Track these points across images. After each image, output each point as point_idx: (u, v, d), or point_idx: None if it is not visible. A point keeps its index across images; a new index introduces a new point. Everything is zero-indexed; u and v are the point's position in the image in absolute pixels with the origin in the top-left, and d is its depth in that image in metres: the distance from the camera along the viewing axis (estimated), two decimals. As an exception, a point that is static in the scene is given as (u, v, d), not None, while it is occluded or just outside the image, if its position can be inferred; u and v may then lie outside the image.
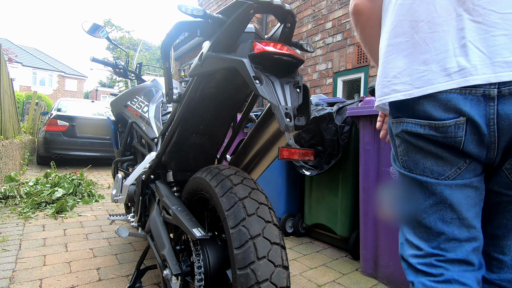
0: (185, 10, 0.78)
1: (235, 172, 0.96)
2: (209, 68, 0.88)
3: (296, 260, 2.05)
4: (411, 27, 0.66)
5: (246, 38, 0.85)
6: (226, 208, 0.85)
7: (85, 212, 2.98)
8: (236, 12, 0.78)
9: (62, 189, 3.37)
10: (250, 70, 0.73)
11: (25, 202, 3.04)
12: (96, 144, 5.79)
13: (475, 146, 0.62)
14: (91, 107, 6.41)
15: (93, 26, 2.03)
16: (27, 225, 2.48)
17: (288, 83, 0.79)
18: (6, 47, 9.03)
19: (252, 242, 0.78)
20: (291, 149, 0.81)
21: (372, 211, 1.82)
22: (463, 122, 0.61)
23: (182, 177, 1.34)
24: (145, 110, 1.85)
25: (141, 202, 1.47)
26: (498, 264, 0.70)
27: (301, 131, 2.18)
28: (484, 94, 0.58)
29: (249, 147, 1.25)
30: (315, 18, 4.40)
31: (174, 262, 1.03)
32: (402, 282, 1.67)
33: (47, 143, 5.43)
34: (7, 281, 1.57)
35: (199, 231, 0.92)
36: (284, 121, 0.71)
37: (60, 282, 1.59)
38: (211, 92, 1.04)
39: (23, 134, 6.68)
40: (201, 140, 1.24)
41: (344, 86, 4.14)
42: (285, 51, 0.78)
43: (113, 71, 2.22)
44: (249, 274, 0.75)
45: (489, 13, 0.58)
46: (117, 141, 2.19)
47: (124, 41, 23.30)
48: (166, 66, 1.03)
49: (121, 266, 1.82)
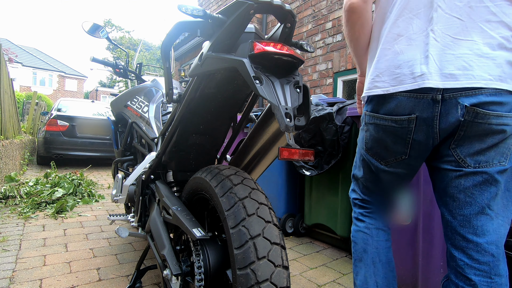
0: (185, 10, 0.78)
1: (235, 172, 0.96)
2: (209, 68, 0.88)
3: (296, 260, 2.05)
4: (394, 39, 0.86)
5: (246, 38, 0.85)
6: (226, 208, 0.85)
7: (85, 212, 2.98)
8: (236, 12, 0.78)
9: (62, 189, 3.37)
10: (250, 70, 0.73)
11: (25, 202, 3.04)
12: (96, 144, 5.79)
13: (423, 134, 0.85)
14: (91, 107, 6.41)
15: (93, 26, 2.03)
16: (27, 225, 2.48)
17: (288, 83, 0.79)
18: (6, 47, 9.04)
19: (252, 242, 0.78)
20: (291, 149, 0.81)
21: (372, 211, 1.82)
22: (414, 118, 0.84)
23: (182, 177, 1.34)
24: (145, 110, 1.85)
25: (141, 202, 1.47)
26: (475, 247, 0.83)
27: (301, 131, 2.18)
28: (433, 98, 0.80)
29: (249, 147, 1.25)
30: (315, 18, 4.40)
31: (174, 262, 1.03)
32: (403, 282, 1.67)
33: (47, 143, 5.43)
34: (7, 281, 1.57)
35: (199, 231, 0.92)
36: (284, 121, 0.71)
37: (60, 282, 1.59)
38: (211, 92, 1.04)
39: (23, 134, 6.68)
40: (201, 140, 1.24)
41: (344, 86, 4.14)
42: (285, 51, 0.78)
43: (113, 71, 2.22)
44: (249, 274, 0.75)
45: (445, 36, 0.79)
46: (117, 141, 2.19)
47: (124, 41, 23.30)
48: (166, 66, 1.03)
49: (121, 266, 1.82)
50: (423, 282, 1.58)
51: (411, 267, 1.64)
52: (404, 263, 1.67)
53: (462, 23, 0.78)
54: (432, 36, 0.80)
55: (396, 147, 0.91)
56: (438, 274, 1.54)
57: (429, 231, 1.56)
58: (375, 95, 0.91)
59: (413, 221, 1.64)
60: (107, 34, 2.11)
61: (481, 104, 0.76)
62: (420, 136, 0.85)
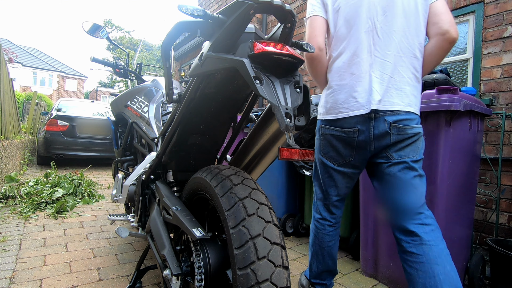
0: (185, 10, 0.78)
1: (235, 172, 0.96)
2: (209, 68, 0.88)
3: (296, 260, 2.05)
4: (349, 76, 1.21)
5: (246, 38, 0.85)
6: (226, 208, 0.85)
7: (85, 212, 2.98)
8: (236, 12, 0.78)
9: (62, 189, 3.37)
10: (250, 70, 0.73)
11: (25, 202, 3.04)
12: (96, 144, 5.79)
13: (364, 142, 1.21)
14: (91, 107, 6.42)
15: (93, 26, 2.03)
16: (27, 225, 2.48)
17: (288, 83, 0.79)
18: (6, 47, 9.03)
19: (252, 242, 0.78)
20: (291, 149, 0.81)
21: (372, 211, 1.82)
22: (357, 130, 1.20)
23: (182, 177, 1.34)
24: (145, 110, 1.85)
25: (141, 202, 1.47)
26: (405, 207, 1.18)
27: (301, 131, 2.18)
28: (369, 117, 1.17)
29: (249, 147, 1.25)
30: (315, 18, 4.40)
31: (174, 262, 1.03)
32: (403, 282, 1.67)
33: (47, 143, 5.43)
34: (7, 281, 1.57)
35: (199, 231, 0.92)
36: (284, 121, 0.71)
37: (60, 282, 1.59)
38: (211, 92, 1.04)
39: (23, 134, 6.68)
40: (201, 140, 1.24)
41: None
42: (285, 51, 0.77)
43: (113, 71, 2.22)
44: (249, 274, 0.75)
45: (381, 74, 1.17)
46: (117, 141, 2.19)
47: (124, 41, 23.28)
48: (166, 66, 1.03)
49: (121, 266, 1.82)
50: (423, 282, 1.57)
51: (411, 267, 1.64)
52: (404, 263, 1.67)
53: (392, 64, 1.17)
54: (373, 74, 1.17)
55: (345, 151, 1.26)
56: (438, 274, 1.54)
57: (429, 231, 1.56)
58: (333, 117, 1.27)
59: (413, 221, 1.64)
60: (107, 34, 2.11)
61: (398, 121, 1.16)
62: (361, 142, 1.21)
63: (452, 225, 1.61)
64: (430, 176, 1.54)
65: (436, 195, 1.53)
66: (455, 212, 1.63)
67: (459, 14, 2.44)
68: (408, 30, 1.16)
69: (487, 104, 2.19)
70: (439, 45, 1.17)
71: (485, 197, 2.16)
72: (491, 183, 2.14)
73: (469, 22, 2.40)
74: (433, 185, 1.53)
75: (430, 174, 1.55)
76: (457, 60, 2.50)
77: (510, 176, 2.08)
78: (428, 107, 1.50)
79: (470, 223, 1.85)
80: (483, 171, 2.17)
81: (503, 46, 2.17)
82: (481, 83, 2.28)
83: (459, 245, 1.70)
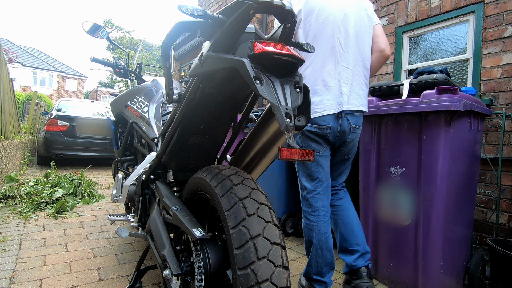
0: (185, 10, 0.77)
1: (235, 172, 0.96)
2: (209, 68, 0.88)
3: (296, 260, 2.05)
4: (322, 82, 1.41)
5: (246, 38, 0.85)
6: (226, 208, 0.84)
7: (85, 212, 2.99)
8: (236, 12, 0.78)
9: (62, 189, 3.37)
10: (250, 70, 0.73)
11: (25, 202, 3.04)
12: (96, 144, 5.79)
13: (332, 137, 1.46)
14: (91, 107, 6.41)
15: (93, 26, 2.03)
16: (27, 225, 2.48)
17: (288, 83, 0.79)
18: (6, 47, 9.03)
19: (252, 242, 0.78)
20: (291, 149, 0.81)
21: (372, 211, 1.82)
22: (329, 126, 1.43)
23: (182, 177, 1.34)
24: (145, 110, 1.85)
25: (141, 202, 1.47)
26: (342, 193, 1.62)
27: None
28: (337, 116, 1.42)
29: (249, 147, 1.25)
30: (315, 18, 4.39)
31: (174, 262, 1.03)
32: (403, 282, 1.67)
33: (47, 143, 5.43)
34: (7, 281, 1.57)
35: (199, 231, 0.92)
36: (284, 121, 0.71)
37: (60, 282, 1.59)
38: (211, 92, 1.04)
39: (23, 134, 6.68)
40: (201, 140, 1.24)
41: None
42: (285, 51, 0.77)
43: (113, 71, 2.22)
44: (249, 274, 0.75)
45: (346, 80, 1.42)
46: (117, 141, 2.19)
47: (124, 41, 23.27)
48: (166, 66, 1.03)
49: (121, 266, 1.82)
50: (423, 282, 1.58)
51: (411, 267, 1.64)
52: (404, 263, 1.67)
53: (352, 72, 1.44)
54: (341, 80, 1.41)
55: (321, 141, 1.47)
56: (438, 274, 1.54)
57: (429, 231, 1.56)
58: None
59: (413, 221, 1.64)
60: (107, 34, 2.11)
61: (355, 121, 1.48)
62: (331, 137, 1.45)
63: (452, 225, 1.61)
64: (430, 176, 1.54)
65: (436, 195, 1.53)
66: (455, 212, 1.63)
67: (459, 14, 2.44)
68: (362, 45, 1.47)
69: (487, 104, 2.19)
70: (378, 59, 1.56)
71: (485, 197, 2.16)
72: (491, 183, 2.14)
73: (469, 22, 2.41)
74: (433, 185, 1.53)
75: (430, 174, 1.55)
76: (457, 60, 2.50)
77: (510, 176, 2.08)
78: (428, 107, 1.50)
79: (470, 223, 1.85)
80: (483, 171, 2.17)
81: (503, 46, 2.17)
82: (481, 83, 2.28)
83: (459, 245, 1.70)
